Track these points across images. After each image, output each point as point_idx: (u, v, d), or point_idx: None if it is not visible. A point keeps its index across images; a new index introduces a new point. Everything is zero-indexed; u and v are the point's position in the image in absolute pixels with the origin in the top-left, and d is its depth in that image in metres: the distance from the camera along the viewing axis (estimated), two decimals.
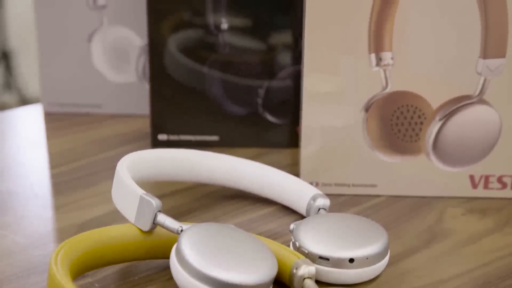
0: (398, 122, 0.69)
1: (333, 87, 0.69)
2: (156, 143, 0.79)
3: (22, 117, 0.92)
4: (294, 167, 0.74)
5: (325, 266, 0.57)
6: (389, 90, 0.68)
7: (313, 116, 0.69)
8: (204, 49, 0.78)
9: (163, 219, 0.56)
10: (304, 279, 0.54)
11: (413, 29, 0.67)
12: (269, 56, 0.78)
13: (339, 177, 0.71)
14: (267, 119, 0.80)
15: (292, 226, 0.60)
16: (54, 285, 0.51)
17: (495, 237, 0.65)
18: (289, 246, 0.59)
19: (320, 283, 0.57)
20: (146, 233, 0.57)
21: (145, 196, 0.57)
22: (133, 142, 0.81)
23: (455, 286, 0.58)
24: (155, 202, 0.56)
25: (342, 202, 0.70)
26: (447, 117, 0.68)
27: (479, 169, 0.70)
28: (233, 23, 0.77)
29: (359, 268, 0.57)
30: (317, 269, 0.56)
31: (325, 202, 0.64)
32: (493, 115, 0.69)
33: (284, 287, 0.56)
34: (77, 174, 0.75)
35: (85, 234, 0.56)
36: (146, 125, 0.82)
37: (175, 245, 0.54)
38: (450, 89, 0.68)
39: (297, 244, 0.58)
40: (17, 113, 0.94)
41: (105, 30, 0.85)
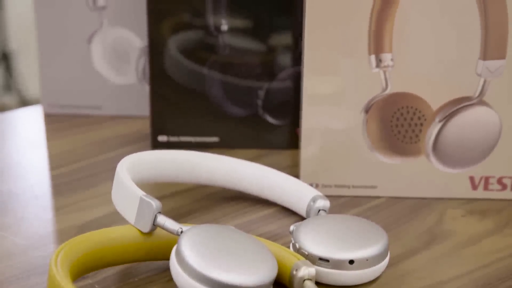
0: (398, 123, 0.69)
1: (333, 88, 0.69)
2: (156, 144, 0.79)
3: (22, 118, 0.92)
4: (294, 169, 0.74)
5: (325, 267, 0.57)
6: (389, 91, 0.68)
7: (313, 117, 0.69)
8: (204, 50, 0.78)
9: (163, 220, 0.56)
10: (304, 280, 0.54)
11: (413, 30, 0.67)
12: (269, 57, 0.78)
13: (339, 178, 0.71)
14: (267, 121, 0.80)
15: (292, 227, 0.60)
16: (54, 286, 0.50)
17: (495, 238, 0.65)
18: (289, 247, 0.59)
19: (320, 285, 0.57)
20: (146, 235, 0.57)
21: (145, 197, 0.57)
22: (133, 143, 0.81)
23: (455, 287, 0.58)
24: (155, 203, 0.56)
25: (342, 203, 0.70)
26: (447, 118, 0.68)
27: (479, 171, 0.70)
28: (233, 24, 0.77)
29: (359, 269, 0.57)
30: (317, 271, 0.56)
31: (325, 203, 0.63)
32: (493, 117, 0.69)
33: None
34: (77, 175, 0.75)
35: (85, 235, 0.56)
36: (146, 126, 0.82)
37: (175, 246, 0.54)
38: (450, 90, 0.68)
39: (297, 245, 0.58)
40: (17, 114, 0.94)
41: (105, 31, 0.85)
